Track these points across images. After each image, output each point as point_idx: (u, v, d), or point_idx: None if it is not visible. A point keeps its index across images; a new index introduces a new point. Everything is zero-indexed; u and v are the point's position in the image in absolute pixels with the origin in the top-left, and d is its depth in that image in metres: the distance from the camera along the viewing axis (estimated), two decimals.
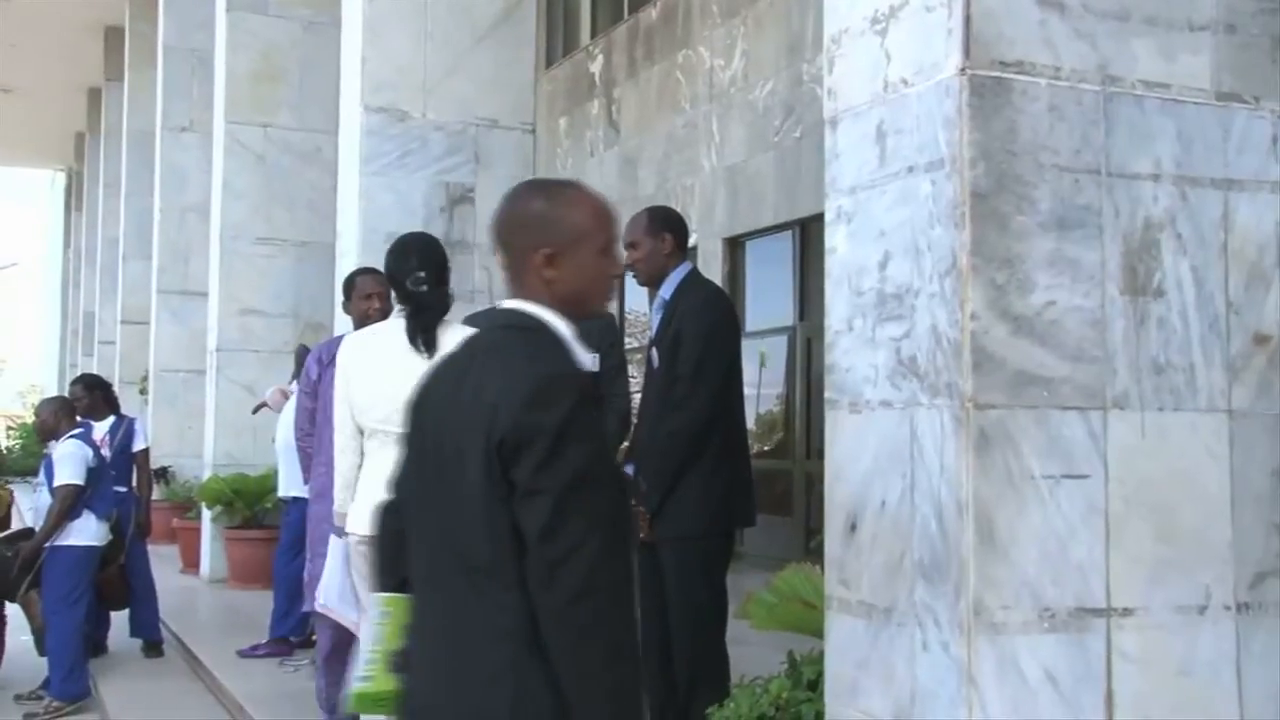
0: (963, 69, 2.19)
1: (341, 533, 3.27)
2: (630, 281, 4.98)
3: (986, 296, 2.18)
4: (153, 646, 6.41)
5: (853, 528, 2.40)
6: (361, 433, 3.12)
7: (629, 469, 3.57)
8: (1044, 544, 2.18)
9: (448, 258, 3.24)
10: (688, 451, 3.42)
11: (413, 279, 3.12)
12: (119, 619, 6.41)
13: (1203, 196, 2.38)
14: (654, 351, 3.58)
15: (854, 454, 2.41)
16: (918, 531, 2.23)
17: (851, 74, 2.47)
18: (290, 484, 5.60)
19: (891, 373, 2.32)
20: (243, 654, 5.84)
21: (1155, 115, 2.35)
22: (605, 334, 3.77)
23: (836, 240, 2.48)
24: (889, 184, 2.36)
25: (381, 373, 3.10)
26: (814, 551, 3.47)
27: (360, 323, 4.07)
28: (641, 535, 3.51)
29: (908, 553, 2.26)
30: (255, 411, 7.42)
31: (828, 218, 2.52)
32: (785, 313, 9.36)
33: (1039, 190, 2.23)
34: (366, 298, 4.05)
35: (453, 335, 3.09)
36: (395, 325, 3.16)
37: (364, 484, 3.12)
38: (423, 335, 3.06)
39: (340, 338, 4.26)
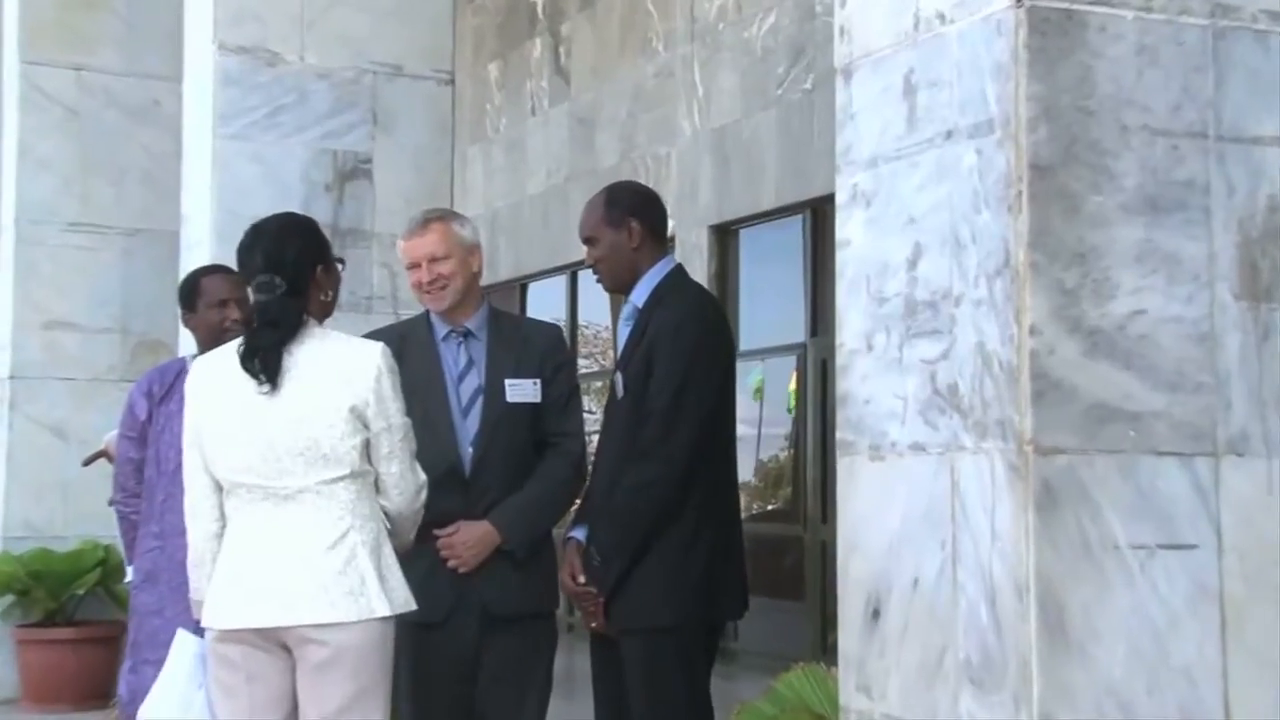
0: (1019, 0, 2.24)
1: (197, 627, 3.25)
2: (586, 284, 4.97)
3: (1051, 304, 2.20)
4: None
5: (875, 614, 2.42)
6: (220, 489, 3.15)
7: (578, 534, 3.62)
8: (1134, 639, 2.20)
9: (320, 251, 3.26)
10: (658, 513, 3.46)
11: (255, 284, 3.14)
12: None
13: None
14: (619, 377, 3.62)
15: (876, 515, 2.43)
16: (963, 620, 2.25)
17: (872, 7, 2.51)
18: None
19: (925, 406, 2.34)
20: None
21: None
22: (551, 352, 3.81)
23: (851, 229, 2.50)
24: (921, 154, 2.37)
25: (233, 409, 3.13)
26: (833, 648, 3.51)
27: (210, 340, 4.07)
28: (594, 625, 3.55)
29: (950, 649, 2.28)
30: (88, 463, 7.26)
31: (840, 199, 2.54)
32: (793, 326, 9.40)
33: (1123, 160, 2.26)
34: (218, 306, 4.06)
35: (320, 354, 3.11)
36: None
37: (226, 559, 3.13)
38: (260, 358, 3.08)
39: (181, 361, 4.28)
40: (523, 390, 3.69)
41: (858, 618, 2.47)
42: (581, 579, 3.54)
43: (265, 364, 3.09)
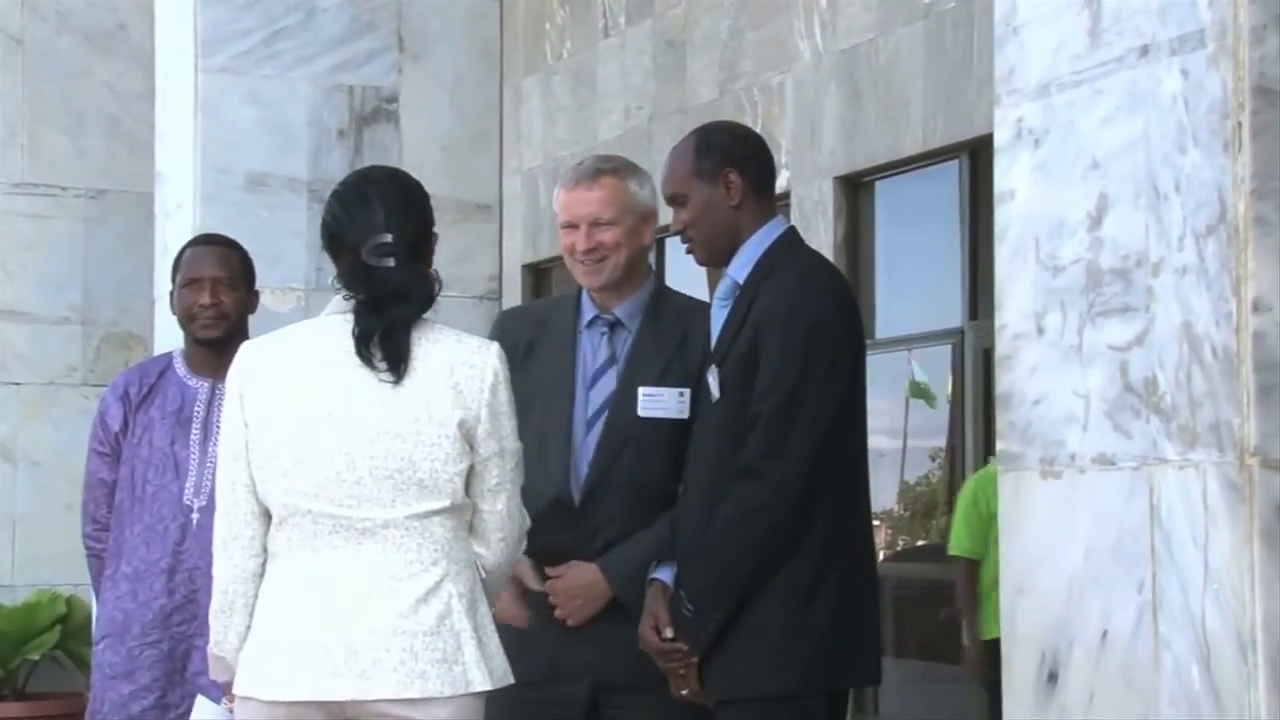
0: None
1: (215, 692, 3.33)
2: (676, 254, 4.97)
3: None
4: None
5: (1052, 678, 2.41)
6: (267, 516, 3.17)
7: (663, 575, 3.65)
8: None
9: (433, 217, 3.30)
10: (768, 549, 3.47)
11: (372, 246, 3.15)
12: None
13: None
14: (713, 375, 3.63)
15: (1051, 549, 2.42)
16: (1168, 684, 2.25)
17: None
18: None
19: (1114, 406, 2.34)
20: None
21: None
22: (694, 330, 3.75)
23: (1016, 177, 2.50)
24: (1107, 78, 2.36)
25: (312, 407, 3.14)
26: None
27: (185, 332, 4.16)
28: (685, 692, 3.58)
29: None
30: None
31: (1001, 139, 2.55)
32: (947, 306, 9.33)
33: None
34: (190, 285, 4.12)
35: (425, 351, 3.14)
36: (331, 327, 3.20)
37: (271, 608, 3.15)
38: (381, 340, 3.10)
39: (166, 358, 4.35)
40: (661, 402, 3.73)
41: (1029, 682, 2.47)
42: (669, 633, 3.55)
43: (389, 348, 3.09)
